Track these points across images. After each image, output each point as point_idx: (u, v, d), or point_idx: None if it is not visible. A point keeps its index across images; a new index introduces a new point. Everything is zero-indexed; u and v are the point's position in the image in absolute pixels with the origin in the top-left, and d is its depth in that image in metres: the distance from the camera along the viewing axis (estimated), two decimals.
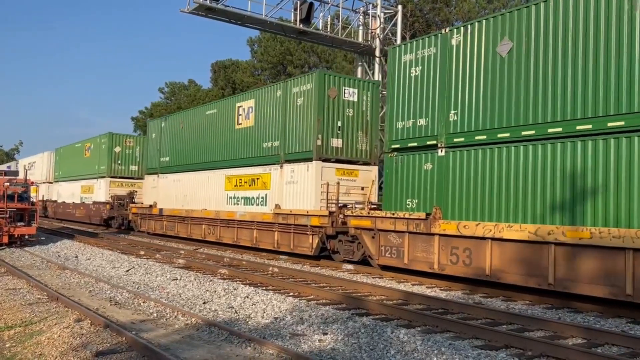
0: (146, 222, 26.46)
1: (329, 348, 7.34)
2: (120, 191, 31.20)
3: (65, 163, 40.08)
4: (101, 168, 32.58)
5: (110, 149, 31.89)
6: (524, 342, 7.40)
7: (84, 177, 35.39)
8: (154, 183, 26.30)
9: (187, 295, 11.13)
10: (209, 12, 20.06)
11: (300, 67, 43.61)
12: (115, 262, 16.15)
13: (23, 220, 20.46)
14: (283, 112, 17.74)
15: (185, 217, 22.79)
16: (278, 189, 17.69)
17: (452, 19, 35.50)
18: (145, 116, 58.82)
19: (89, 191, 34.35)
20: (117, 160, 32.18)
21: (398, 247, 13.20)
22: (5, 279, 13.19)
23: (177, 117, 25.30)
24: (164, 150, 25.61)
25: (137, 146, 32.87)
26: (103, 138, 33.02)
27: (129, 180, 32.48)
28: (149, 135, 27.62)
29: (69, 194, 37.95)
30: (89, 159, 35.06)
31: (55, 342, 7.49)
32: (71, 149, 39.33)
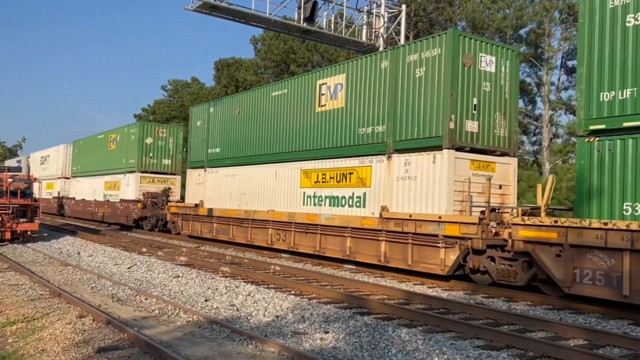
0: (189, 224, 22.80)
1: (330, 347, 7.35)
2: (152, 188, 27.90)
3: (85, 157, 36.12)
4: (130, 162, 29.01)
5: (140, 140, 28.24)
6: (525, 342, 7.40)
7: (108, 172, 31.74)
8: (199, 179, 22.78)
9: (189, 293, 11.15)
10: (212, 10, 20.05)
11: (303, 65, 43.59)
12: (118, 259, 16.19)
13: (26, 216, 20.49)
14: (392, 88, 14.03)
15: (245, 220, 19.11)
16: (384, 187, 14.05)
17: (455, 19, 35.44)
18: (148, 114, 58.85)
19: (114, 187, 30.72)
20: (148, 153, 28.52)
21: (609, 271, 9.32)
22: (7, 274, 13.23)
23: (231, 101, 21.61)
24: (213, 141, 21.98)
25: (170, 137, 29.26)
26: (132, 128, 29.42)
27: (162, 175, 29.00)
28: (193, 123, 23.82)
29: (89, 191, 34.34)
30: (114, 152, 31.37)
31: (57, 338, 7.51)
32: (92, 141, 35.46)
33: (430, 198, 12.82)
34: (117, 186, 30.42)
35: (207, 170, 22.32)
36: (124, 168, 29.52)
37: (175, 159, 29.32)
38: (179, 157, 29.63)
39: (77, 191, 36.78)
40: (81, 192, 35.87)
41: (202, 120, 23.25)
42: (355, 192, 14.98)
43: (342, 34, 22.32)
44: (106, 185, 31.92)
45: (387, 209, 13.84)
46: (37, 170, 44.47)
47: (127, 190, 28.87)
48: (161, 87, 65.66)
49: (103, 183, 32.32)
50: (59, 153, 40.82)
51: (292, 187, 17.41)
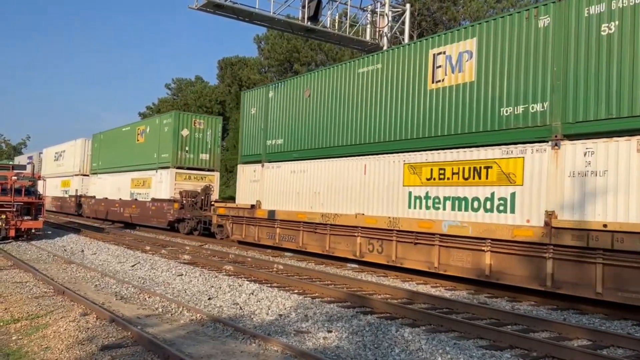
0: (242, 228, 19.51)
1: (333, 346, 7.35)
2: (188, 186, 25.01)
3: (107, 151, 32.94)
4: (162, 157, 25.90)
5: (176, 132, 25.10)
6: (529, 342, 7.38)
7: (136, 168, 28.56)
8: (254, 175, 19.41)
9: (193, 291, 11.16)
10: (217, 8, 20.07)
11: (307, 64, 43.60)
12: (121, 257, 16.22)
13: (30, 214, 20.56)
14: (560, 52, 10.63)
15: (321, 225, 15.83)
16: (547, 185, 10.58)
17: (460, 18, 35.39)
18: (153, 112, 58.94)
19: (144, 185, 27.50)
20: (184, 146, 25.39)
21: None
22: (12, 272, 13.27)
23: (298, 83, 17.89)
24: (274, 131, 18.63)
25: (208, 128, 26.14)
26: (166, 118, 26.39)
27: (199, 172, 25.87)
28: (245, 111, 20.50)
29: (113, 189, 31.10)
30: (143, 146, 28.21)
31: (61, 335, 7.53)
32: (115, 134, 32.43)
33: (635, 201, 9.35)
34: (147, 184, 27.17)
35: (265, 165, 18.84)
36: (155, 164, 26.43)
37: (213, 153, 26.20)
38: (217, 151, 26.53)
39: (97, 189, 33.55)
40: (103, 190, 32.66)
41: (257, 107, 19.66)
42: (497, 191, 11.45)
43: (346, 33, 22.31)
44: (133, 182, 28.70)
45: (555, 215, 10.35)
46: (50, 167, 42.40)
47: (161, 189, 25.63)
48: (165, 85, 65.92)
49: (129, 180, 29.10)
50: (75, 148, 37.75)
51: (390, 186, 13.99)
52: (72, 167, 37.79)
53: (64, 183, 39.30)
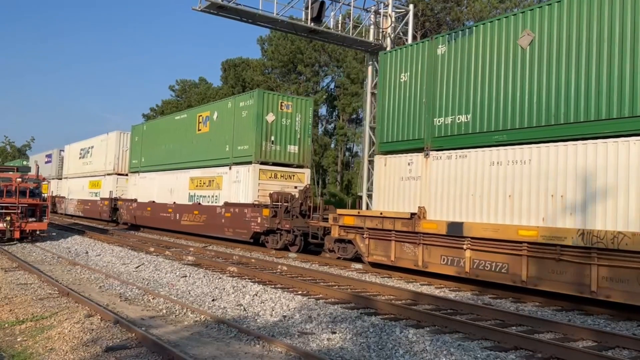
0: (390, 246, 13.78)
1: (337, 347, 7.34)
2: (273, 186, 19.90)
3: (153, 145, 27.82)
4: (240, 149, 20.62)
5: (259, 117, 19.84)
6: (533, 343, 7.36)
7: (197, 164, 23.37)
8: (410, 170, 13.81)
9: (196, 292, 11.17)
10: (220, 10, 20.08)
11: (310, 65, 43.66)
12: (125, 259, 16.25)
13: (34, 215, 20.64)
14: None
15: (568, 250, 10.16)
16: None
17: (464, 19, 35.37)
18: (157, 113, 59.14)
19: (210, 186, 22.28)
20: (269, 136, 20.06)
21: None
22: (17, 273, 13.32)
23: (502, 26, 12.09)
24: (449, 103, 12.99)
25: (297, 113, 20.78)
26: (245, 99, 20.90)
27: (286, 168, 20.54)
28: (388, 79, 14.67)
29: (163, 191, 26.05)
30: (207, 137, 22.94)
31: (65, 337, 7.55)
32: (165, 124, 27.64)
33: None
34: (215, 184, 22.02)
35: (430, 155, 13.27)
36: (227, 158, 21.30)
37: (303, 144, 20.95)
38: (308, 142, 21.22)
39: (140, 191, 28.42)
40: (147, 192, 27.56)
41: (414, 71, 13.95)
42: None
43: (350, 33, 22.30)
44: (194, 183, 23.60)
45: None
46: (75, 166, 38.41)
47: (237, 190, 20.61)
48: (169, 87, 66.08)
49: (187, 180, 24.02)
50: (108, 143, 32.73)
51: None
52: (104, 165, 32.93)
53: (93, 184, 34.49)
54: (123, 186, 31.24)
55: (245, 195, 20.02)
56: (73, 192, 38.69)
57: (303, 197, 18.89)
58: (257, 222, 18.80)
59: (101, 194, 32.93)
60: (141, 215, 27.55)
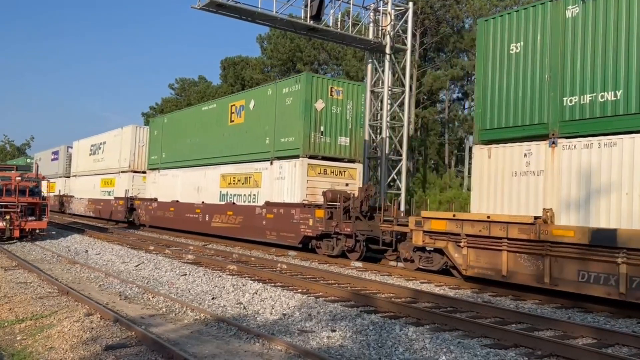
0: (501, 258, 11.12)
1: (337, 345, 7.34)
2: (323, 183, 17.52)
3: (175, 140, 25.54)
4: (284, 142, 18.19)
5: (307, 104, 17.42)
6: (533, 341, 7.36)
7: (230, 159, 21.10)
8: (529, 162, 11.27)
9: (196, 291, 11.17)
10: (219, 8, 20.05)
11: (310, 64, 43.61)
12: (125, 257, 16.24)
13: (34, 214, 20.63)
14: None
15: None
16: None
17: (463, 16, 35.35)
18: (156, 112, 59.11)
19: (247, 184, 19.98)
20: (318, 126, 17.69)
21: None
22: (16, 272, 13.31)
23: None
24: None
25: (347, 100, 18.35)
26: (290, 84, 18.29)
27: (337, 163, 18.18)
28: (498, 50, 11.99)
29: (188, 189, 23.88)
30: (242, 128, 20.46)
31: (65, 335, 7.55)
32: (189, 115, 24.95)
33: None
34: (252, 181, 19.69)
35: (560, 144, 10.67)
36: (268, 152, 18.92)
37: (355, 136, 18.67)
38: (360, 133, 19.04)
39: (161, 190, 26.35)
40: (170, 191, 25.44)
41: (526, 39, 11.46)
42: None
43: (349, 32, 22.28)
44: (225, 180, 21.36)
45: None
46: (85, 163, 36.39)
47: (282, 188, 18.14)
48: (169, 85, 66.10)
49: (218, 177, 21.71)
50: (123, 138, 30.54)
51: None
52: (118, 162, 30.73)
53: (106, 182, 32.41)
54: (139, 184, 29.19)
55: (291, 194, 17.57)
56: (83, 191, 36.34)
57: (364, 195, 16.11)
58: (309, 225, 16.20)
59: (115, 192, 30.83)
60: (163, 216, 25.13)
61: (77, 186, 37.91)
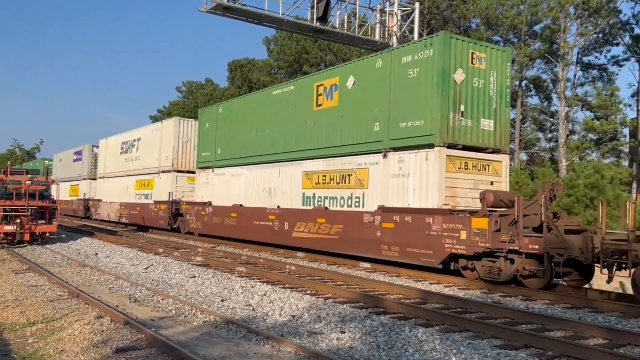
0: None
1: (346, 346, 7.33)
2: (464, 181, 13.49)
3: (234, 133, 21.50)
4: (403, 127, 14.02)
5: (444, 75, 13.27)
6: (544, 342, 7.32)
7: (319, 153, 16.87)
8: None
9: (206, 293, 11.20)
10: (226, 11, 20.13)
11: (316, 65, 43.64)
12: (134, 260, 16.32)
13: (44, 218, 20.77)
14: None
15: None
16: None
17: (469, 16, 35.23)
18: (164, 115, 59.32)
19: (344, 183, 15.75)
20: (456, 104, 13.46)
21: None
22: (27, 275, 13.40)
23: None
24: None
25: (491, 71, 14.16)
26: (414, 51, 14.04)
27: (479, 154, 13.91)
28: None
29: (257, 191, 19.73)
30: (335, 113, 16.34)
31: (76, 338, 7.59)
32: (256, 101, 20.77)
33: None
34: (353, 180, 15.47)
35: None
36: (379, 142, 14.71)
37: (500, 118, 14.28)
38: (506, 114, 14.55)
39: (216, 192, 22.40)
40: (229, 193, 21.44)
41: None
42: None
43: (355, 32, 22.28)
44: (312, 179, 17.09)
45: None
46: (114, 163, 32.57)
47: (404, 187, 13.86)
48: (176, 88, 66.28)
49: (300, 176, 17.58)
50: (163, 134, 26.89)
51: None
52: (157, 160, 27.12)
53: (142, 184, 28.84)
54: (184, 186, 25.59)
55: (421, 196, 13.43)
56: (113, 194, 32.23)
57: (550, 196, 11.26)
58: (459, 239, 12.01)
59: (154, 195, 26.99)
60: (220, 224, 21.25)
61: (105, 189, 33.87)
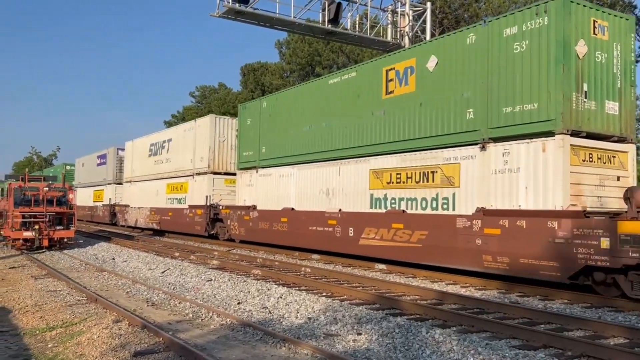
0: None
1: (363, 348, 7.31)
2: (590, 176, 11.10)
3: (282, 129, 19.36)
4: (509, 112, 11.64)
5: (565, 47, 10.82)
6: (563, 342, 7.23)
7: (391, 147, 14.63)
8: None
9: (222, 296, 11.25)
10: (238, 15, 20.24)
11: (328, 67, 43.68)
12: (151, 264, 16.44)
13: (62, 223, 21.03)
14: None
15: None
16: None
17: (482, 15, 35.01)
18: (178, 119, 59.79)
19: (424, 182, 13.57)
20: (580, 82, 11.06)
21: None
22: (46, 281, 13.57)
23: None
24: None
25: (615, 42, 11.70)
26: (515, 22, 11.66)
27: (604, 144, 11.46)
28: None
29: (312, 193, 17.56)
30: (411, 100, 14.08)
31: (95, 342, 7.66)
32: (309, 92, 18.43)
33: None
34: (438, 178, 13.24)
35: None
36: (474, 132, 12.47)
37: (625, 99, 11.85)
38: (631, 95, 12.08)
39: (261, 194, 20.26)
40: (277, 195, 19.24)
41: None
42: None
43: (367, 34, 22.26)
44: (382, 178, 14.76)
45: None
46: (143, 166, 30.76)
47: (513, 186, 11.57)
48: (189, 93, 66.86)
49: (367, 175, 15.29)
50: (197, 133, 24.89)
51: None
52: (191, 162, 25.26)
53: (174, 188, 27.01)
54: (221, 189, 23.70)
55: (537, 196, 11.06)
56: (141, 199, 30.54)
57: None
58: (597, 248, 9.71)
59: (188, 199, 25.21)
60: (268, 229, 19.25)
61: (133, 194, 32.22)
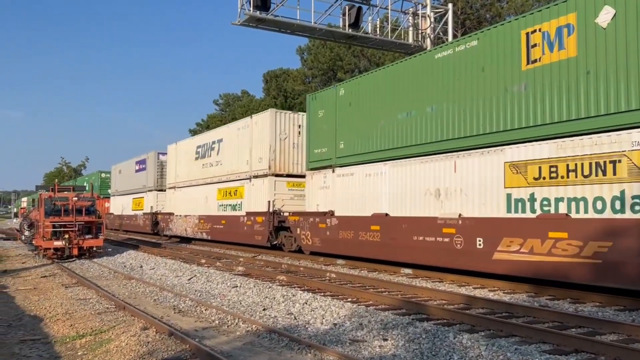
0: None
1: (389, 354, 7.24)
2: None
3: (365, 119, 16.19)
4: None
5: None
6: (596, 346, 7.04)
7: (535, 133, 11.26)
8: None
9: (247, 302, 11.28)
10: (259, 23, 20.39)
11: (350, 72, 43.67)
12: (178, 271, 16.59)
13: (91, 232, 21.41)
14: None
15: None
16: None
17: (505, 14, 34.60)
18: (202, 128, 60.45)
19: (607, 174, 9.79)
20: None
21: None
22: (76, 289, 13.80)
23: None
24: None
25: None
26: None
27: None
28: None
29: (408, 196, 14.47)
30: (569, 68, 10.64)
31: (123, 350, 7.75)
32: (404, 71, 14.84)
33: None
34: (624, 170, 9.65)
35: None
36: None
37: None
38: None
39: (339, 198, 17.18)
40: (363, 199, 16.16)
41: None
42: None
43: (388, 37, 22.19)
44: (525, 174, 11.40)
45: None
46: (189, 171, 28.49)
47: None
48: (213, 101, 67.51)
49: (501, 170, 11.98)
50: (254, 131, 22.25)
51: None
52: (247, 164, 22.47)
53: (226, 193, 24.26)
54: (283, 193, 20.75)
55: None
56: (188, 206, 28.05)
57: None
58: None
59: (244, 206, 22.41)
60: (353, 239, 16.16)
61: (178, 201, 29.67)
